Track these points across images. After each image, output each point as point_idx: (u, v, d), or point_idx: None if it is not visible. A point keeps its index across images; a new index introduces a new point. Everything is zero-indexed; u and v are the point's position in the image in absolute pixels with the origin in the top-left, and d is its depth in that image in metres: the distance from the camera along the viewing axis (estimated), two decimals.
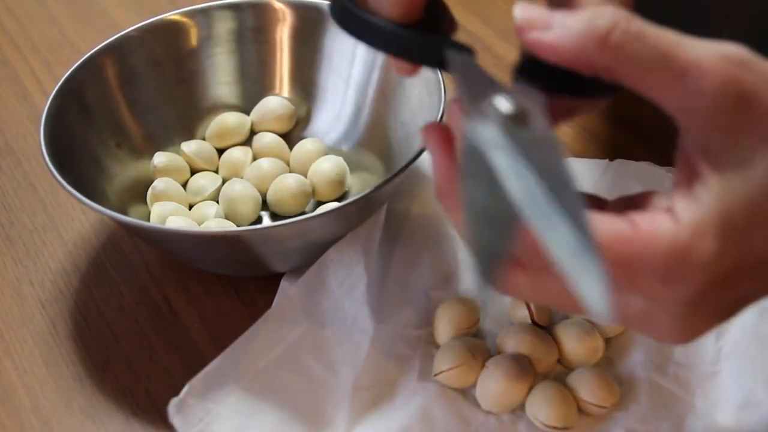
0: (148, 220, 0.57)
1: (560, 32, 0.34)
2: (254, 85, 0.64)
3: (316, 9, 0.62)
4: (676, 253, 0.33)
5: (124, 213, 0.56)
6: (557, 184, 0.31)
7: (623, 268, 0.33)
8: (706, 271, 0.33)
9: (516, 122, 0.33)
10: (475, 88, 0.35)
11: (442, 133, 0.38)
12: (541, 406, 0.46)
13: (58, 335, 0.54)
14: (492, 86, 0.35)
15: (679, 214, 0.34)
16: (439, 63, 0.38)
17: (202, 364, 0.49)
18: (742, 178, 0.33)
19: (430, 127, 0.38)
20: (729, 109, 0.33)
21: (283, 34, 0.63)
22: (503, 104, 0.33)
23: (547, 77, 0.36)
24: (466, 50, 0.38)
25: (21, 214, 0.62)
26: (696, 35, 0.34)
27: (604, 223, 0.34)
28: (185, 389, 0.48)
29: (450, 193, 0.37)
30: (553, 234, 0.30)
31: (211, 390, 0.48)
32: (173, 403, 0.47)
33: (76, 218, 0.61)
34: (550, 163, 0.32)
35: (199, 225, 0.56)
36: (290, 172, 0.60)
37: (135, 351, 0.53)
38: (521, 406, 0.48)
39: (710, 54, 0.33)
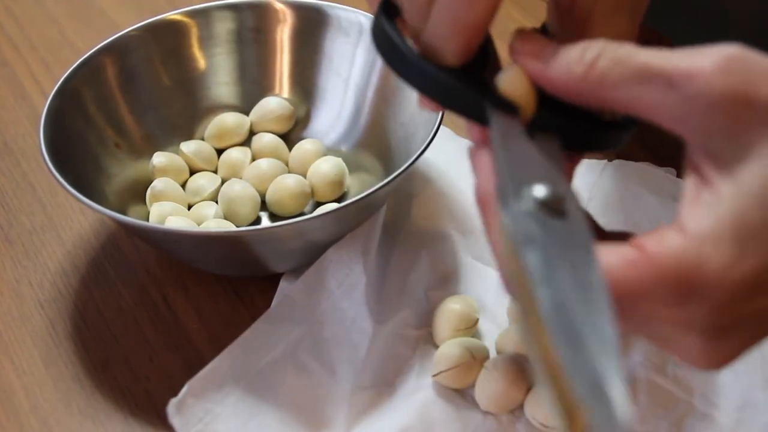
0: (148, 221, 0.57)
1: (550, 64, 0.34)
2: (254, 85, 0.64)
3: (316, 10, 0.62)
4: (686, 268, 0.31)
5: (124, 213, 0.56)
6: (587, 292, 0.30)
7: (632, 298, 0.31)
8: (722, 283, 0.31)
9: (551, 210, 0.32)
10: (513, 163, 0.34)
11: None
12: (540, 407, 0.47)
13: (57, 336, 0.54)
14: (530, 159, 0.34)
15: (685, 226, 0.32)
16: (479, 118, 0.36)
17: (202, 364, 0.49)
18: (753, 175, 0.31)
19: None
20: (727, 106, 0.31)
21: (283, 35, 0.63)
22: (540, 190, 0.32)
23: (562, 127, 0.36)
24: (509, 107, 0.36)
25: (20, 214, 0.62)
26: (706, 36, 0.34)
27: (608, 254, 0.32)
28: (184, 389, 0.48)
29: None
30: (574, 366, 0.28)
31: (210, 390, 0.48)
32: (172, 403, 0.47)
33: (75, 219, 0.61)
34: (581, 262, 0.31)
35: (198, 225, 0.56)
36: (289, 172, 0.60)
37: (134, 351, 0.53)
38: (520, 407, 0.48)
39: (701, 56, 0.32)
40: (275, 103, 0.62)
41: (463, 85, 0.37)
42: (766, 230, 0.31)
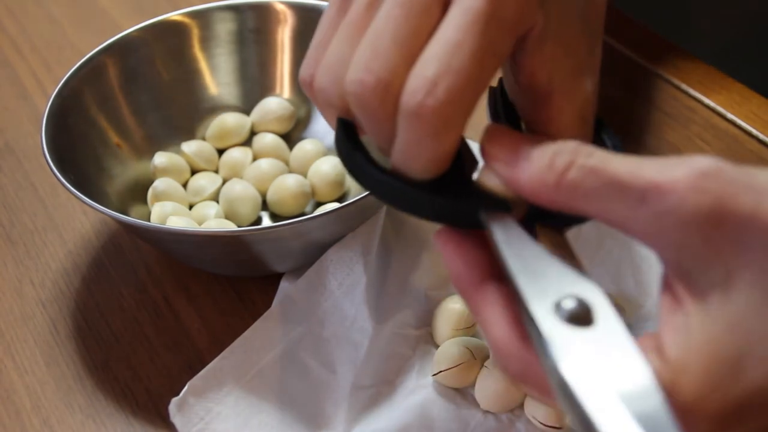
0: (149, 220, 0.57)
1: (522, 169, 0.33)
2: (254, 85, 0.64)
3: (316, 10, 0.62)
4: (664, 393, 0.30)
5: (125, 213, 0.56)
6: (645, 400, 0.29)
7: None
8: (693, 412, 0.30)
9: (581, 321, 0.31)
10: (529, 274, 0.32)
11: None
12: (540, 406, 0.47)
13: (59, 335, 0.54)
14: (544, 264, 0.33)
15: (663, 348, 0.31)
16: (475, 225, 0.35)
17: (202, 364, 0.49)
18: (724, 302, 0.30)
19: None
20: (698, 227, 0.30)
21: (284, 35, 0.63)
22: (568, 304, 0.31)
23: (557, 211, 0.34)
24: (501, 205, 0.35)
25: (22, 214, 0.62)
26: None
27: None
28: (185, 389, 0.48)
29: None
30: None
31: (210, 389, 0.48)
32: (173, 402, 0.48)
33: (76, 218, 0.61)
34: (626, 365, 0.30)
35: (200, 225, 0.56)
36: (290, 172, 0.60)
37: (135, 351, 0.53)
38: (520, 406, 0.48)
39: (674, 168, 0.31)
40: (276, 104, 0.63)
41: (447, 197, 0.35)
42: (739, 361, 0.30)
